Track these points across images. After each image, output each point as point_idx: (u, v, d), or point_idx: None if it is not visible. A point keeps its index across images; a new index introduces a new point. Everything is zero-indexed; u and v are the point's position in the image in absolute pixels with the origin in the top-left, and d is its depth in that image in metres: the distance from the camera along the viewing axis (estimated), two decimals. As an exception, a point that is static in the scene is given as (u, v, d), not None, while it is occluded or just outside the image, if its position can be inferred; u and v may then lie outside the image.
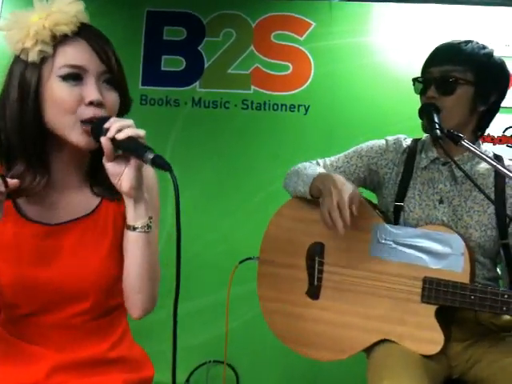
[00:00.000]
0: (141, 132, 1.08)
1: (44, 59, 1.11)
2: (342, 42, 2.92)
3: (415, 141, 1.77)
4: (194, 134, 2.92)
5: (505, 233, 1.61)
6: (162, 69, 2.97)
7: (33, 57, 1.10)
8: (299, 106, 2.91)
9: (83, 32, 1.13)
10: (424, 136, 1.77)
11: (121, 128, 1.07)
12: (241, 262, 1.90)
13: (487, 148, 1.77)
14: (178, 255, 1.07)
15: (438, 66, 1.62)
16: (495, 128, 2.83)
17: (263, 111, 2.93)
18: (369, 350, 1.63)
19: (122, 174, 1.11)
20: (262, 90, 2.94)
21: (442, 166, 1.68)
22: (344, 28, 2.93)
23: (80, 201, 1.20)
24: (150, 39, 2.97)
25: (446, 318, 1.58)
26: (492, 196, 1.61)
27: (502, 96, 1.67)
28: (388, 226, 1.63)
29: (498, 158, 1.66)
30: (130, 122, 1.09)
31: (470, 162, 1.67)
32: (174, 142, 2.92)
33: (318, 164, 1.82)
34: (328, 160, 1.82)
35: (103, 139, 1.07)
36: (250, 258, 1.86)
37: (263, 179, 2.88)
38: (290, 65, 2.94)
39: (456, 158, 1.62)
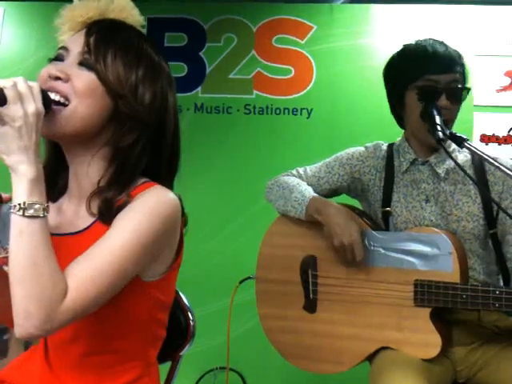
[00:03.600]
0: (7, 83, 0.94)
1: None
2: (343, 44, 2.91)
3: (390, 145, 1.77)
4: (196, 140, 2.92)
5: (493, 222, 1.61)
6: (164, 75, 2.97)
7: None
8: (302, 109, 2.91)
9: (94, 24, 1.11)
10: (397, 140, 1.77)
11: None
12: (241, 282, 1.91)
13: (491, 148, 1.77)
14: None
15: (442, 74, 1.60)
16: (500, 128, 2.82)
17: (266, 115, 2.92)
18: (371, 359, 1.62)
19: None
20: (264, 94, 2.93)
21: (422, 166, 1.68)
22: (345, 30, 2.92)
23: (74, 216, 1.10)
24: (151, 46, 2.97)
25: (446, 320, 1.58)
26: (474, 187, 1.61)
27: None
28: (375, 233, 1.63)
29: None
30: (16, 78, 0.96)
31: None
32: (177, 148, 2.91)
33: (299, 174, 1.82)
34: (309, 170, 1.82)
35: None
36: (249, 278, 1.86)
37: (266, 183, 2.87)
38: (291, 68, 2.93)
39: (434, 156, 1.65)
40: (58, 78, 1.04)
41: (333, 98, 2.91)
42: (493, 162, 1.45)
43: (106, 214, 1.04)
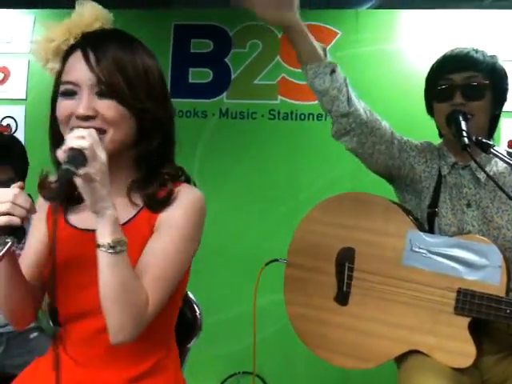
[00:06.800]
0: (84, 143, 1.01)
1: (58, 76, 1.17)
2: (368, 49, 2.91)
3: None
4: (221, 145, 2.95)
5: None
6: (190, 81, 3.01)
7: (50, 74, 1.18)
8: (326, 114, 2.90)
9: (84, 42, 1.15)
10: (437, 143, 1.76)
11: (69, 140, 1.03)
12: (267, 264, 1.87)
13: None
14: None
15: (458, 73, 1.61)
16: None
17: (290, 121, 2.93)
18: (399, 362, 1.60)
19: None
20: (288, 100, 2.94)
21: (462, 171, 1.67)
22: (370, 36, 2.92)
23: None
24: (177, 52, 3.02)
25: (478, 330, 1.55)
26: None
27: (506, 100, 1.70)
28: (422, 234, 1.60)
29: (511, 155, 1.65)
30: (82, 133, 1.04)
31: (489, 163, 1.65)
32: (202, 153, 2.94)
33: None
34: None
35: (58, 152, 1.03)
36: (276, 260, 1.83)
37: (290, 189, 2.88)
38: (316, 74, 2.93)
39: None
40: (88, 117, 1.10)
41: (357, 103, 2.90)
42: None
43: (153, 205, 1.18)
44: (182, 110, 2.97)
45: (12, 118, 3.04)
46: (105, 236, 1.05)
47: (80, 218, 1.21)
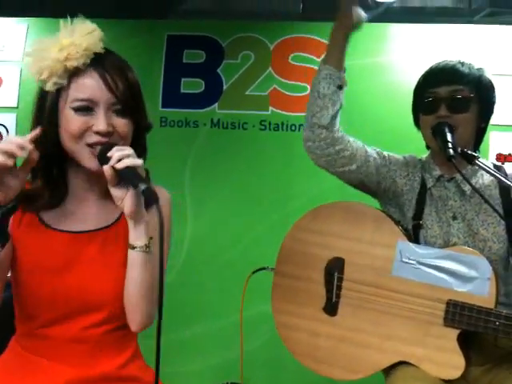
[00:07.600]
0: (138, 162, 1.15)
1: (60, 89, 1.20)
2: (358, 62, 2.92)
3: (420, 160, 1.78)
4: (212, 155, 2.95)
5: None
6: (182, 91, 3.02)
7: (49, 87, 1.20)
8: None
9: (96, 62, 1.21)
10: (424, 156, 1.77)
11: (121, 158, 1.14)
12: (254, 272, 1.86)
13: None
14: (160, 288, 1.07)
15: (444, 86, 1.64)
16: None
17: (281, 132, 2.94)
18: (387, 373, 1.60)
19: (123, 198, 1.18)
20: (279, 111, 2.96)
21: (448, 183, 1.68)
22: (360, 48, 2.93)
23: (101, 213, 1.28)
24: (169, 62, 3.03)
25: (465, 341, 1.55)
26: (500, 206, 1.61)
27: (493, 113, 1.72)
28: (412, 245, 1.61)
29: (498, 168, 1.67)
30: (129, 151, 1.16)
31: (475, 175, 1.67)
32: (193, 163, 2.95)
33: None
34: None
35: (105, 167, 1.15)
36: (263, 268, 1.83)
37: (281, 198, 2.89)
38: (307, 86, 2.95)
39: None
40: (108, 133, 1.20)
41: (348, 115, 2.88)
42: (504, 179, 1.46)
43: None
44: (173, 120, 2.98)
45: (3, 125, 3.03)
46: (142, 238, 1.19)
47: (64, 222, 1.26)
